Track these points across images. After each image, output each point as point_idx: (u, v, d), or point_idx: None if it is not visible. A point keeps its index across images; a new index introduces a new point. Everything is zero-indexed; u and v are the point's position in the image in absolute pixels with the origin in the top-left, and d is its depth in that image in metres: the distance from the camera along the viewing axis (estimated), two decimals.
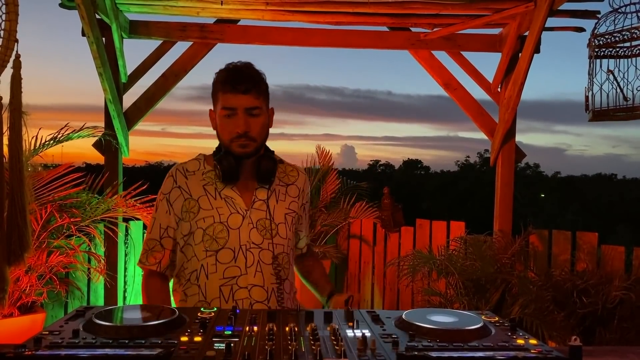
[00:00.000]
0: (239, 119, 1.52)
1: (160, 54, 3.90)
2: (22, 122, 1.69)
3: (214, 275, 1.55)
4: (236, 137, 1.53)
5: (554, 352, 1.02)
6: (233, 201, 1.58)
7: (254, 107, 1.53)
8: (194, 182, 1.61)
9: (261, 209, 1.59)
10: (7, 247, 1.69)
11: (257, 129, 1.55)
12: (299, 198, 1.69)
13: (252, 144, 1.55)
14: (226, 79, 1.54)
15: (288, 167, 1.73)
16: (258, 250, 1.56)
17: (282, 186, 1.67)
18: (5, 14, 1.64)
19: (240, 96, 1.51)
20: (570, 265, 3.58)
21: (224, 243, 1.55)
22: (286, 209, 1.64)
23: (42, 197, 3.12)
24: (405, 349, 1.02)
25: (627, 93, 2.47)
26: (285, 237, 1.62)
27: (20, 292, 3.00)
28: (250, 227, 1.57)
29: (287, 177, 1.70)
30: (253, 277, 1.55)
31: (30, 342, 1.02)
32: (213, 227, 1.55)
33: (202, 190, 1.60)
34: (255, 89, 1.53)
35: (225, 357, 0.98)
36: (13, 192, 1.67)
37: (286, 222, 1.63)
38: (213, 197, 1.59)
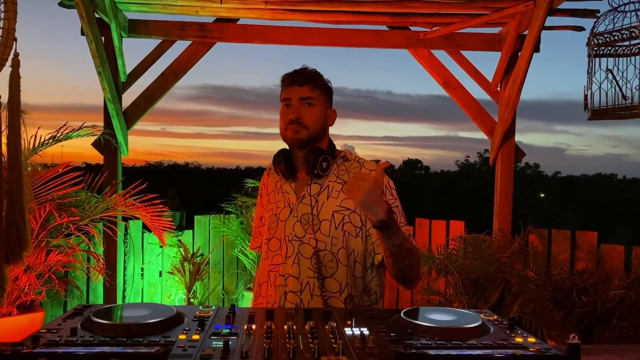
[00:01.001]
0: (293, 107, 1.64)
1: (159, 53, 3.90)
2: (21, 121, 1.69)
3: (266, 261, 1.70)
4: (289, 123, 1.63)
5: (552, 350, 1.02)
6: (287, 195, 1.69)
7: (307, 97, 1.64)
8: (272, 179, 1.80)
9: (308, 204, 1.64)
10: (5, 246, 1.68)
11: (310, 118, 1.64)
12: None
13: (304, 130, 1.63)
14: (286, 76, 1.69)
15: (354, 164, 1.69)
16: (299, 243, 1.62)
17: (339, 183, 1.65)
18: (3, 13, 1.64)
19: (296, 88, 1.65)
20: (570, 264, 3.58)
21: (274, 233, 1.68)
22: (336, 206, 1.62)
23: (41, 196, 3.12)
24: (404, 347, 1.02)
25: (626, 92, 2.47)
26: (329, 235, 1.59)
27: (19, 291, 3.00)
28: (294, 220, 1.64)
29: (346, 174, 1.66)
30: (290, 267, 1.61)
31: (28, 340, 1.02)
32: (271, 218, 1.71)
33: (274, 186, 1.77)
34: (312, 83, 1.66)
35: (223, 355, 0.98)
36: (12, 191, 1.67)
37: (333, 219, 1.61)
38: (277, 192, 1.74)
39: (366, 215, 1.57)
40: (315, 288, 1.58)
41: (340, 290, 1.59)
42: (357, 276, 1.63)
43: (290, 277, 1.60)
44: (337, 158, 1.69)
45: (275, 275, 1.65)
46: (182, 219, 4.51)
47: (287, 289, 1.60)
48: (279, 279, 1.63)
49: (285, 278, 1.61)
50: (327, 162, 1.62)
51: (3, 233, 1.68)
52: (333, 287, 1.58)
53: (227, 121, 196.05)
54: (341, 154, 1.71)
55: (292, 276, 1.60)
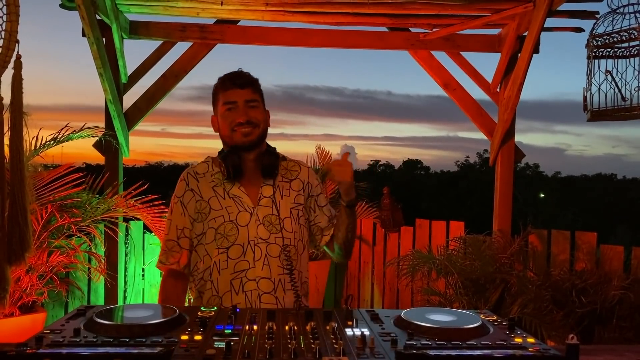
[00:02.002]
0: (239, 110, 1.65)
1: (160, 54, 3.91)
2: (23, 122, 1.70)
3: (226, 270, 1.65)
4: (238, 125, 1.65)
5: (551, 350, 1.03)
6: (241, 200, 1.67)
7: (252, 100, 1.68)
8: (204, 184, 1.71)
9: (267, 206, 1.67)
10: (8, 247, 1.70)
11: (257, 117, 1.68)
12: (303, 190, 1.76)
13: (255, 130, 1.67)
14: (225, 79, 1.69)
15: (290, 162, 1.80)
16: (265, 244, 1.65)
17: (286, 182, 1.74)
18: (6, 15, 1.65)
19: (239, 90, 1.66)
20: (569, 264, 3.59)
21: (234, 240, 1.65)
22: (291, 203, 1.72)
23: (42, 197, 3.13)
24: (404, 347, 1.03)
25: (625, 93, 2.48)
26: (291, 231, 1.69)
27: (21, 292, 3.01)
28: (257, 224, 1.65)
29: (289, 173, 1.77)
30: (261, 269, 1.63)
31: (32, 340, 1.03)
32: (224, 225, 1.65)
33: (211, 192, 1.69)
34: (252, 85, 1.69)
35: (226, 355, 0.99)
36: (14, 192, 1.68)
37: (292, 216, 1.70)
38: (222, 197, 1.68)
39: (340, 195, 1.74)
40: (286, 283, 1.66)
41: (301, 279, 1.71)
42: (306, 262, 1.78)
43: (262, 279, 1.63)
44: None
45: (242, 282, 1.63)
46: None
47: (260, 291, 1.63)
48: (249, 284, 1.63)
49: (256, 282, 1.63)
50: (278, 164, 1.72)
51: (6, 234, 1.69)
52: (297, 277, 1.67)
53: None
54: (279, 155, 1.77)
55: (264, 278, 1.63)
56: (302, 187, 1.76)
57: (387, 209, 4.43)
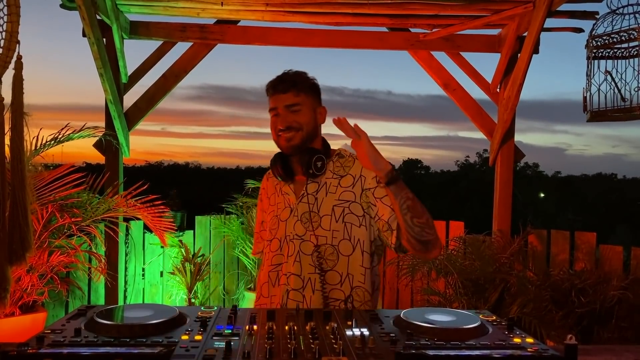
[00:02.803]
0: (281, 117, 1.65)
1: (160, 54, 3.91)
2: (24, 122, 1.70)
3: (267, 261, 1.72)
4: (280, 132, 1.65)
5: (550, 350, 1.04)
6: (288, 197, 1.72)
7: (293, 104, 1.64)
8: (271, 182, 1.82)
9: (307, 202, 1.67)
10: (9, 246, 1.70)
11: (298, 122, 1.65)
12: (353, 186, 1.66)
13: (297, 134, 1.65)
14: (270, 83, 1.69)
15: (347, 159, 1.73)
16: (299, 241, 1.64)
17: (336, 178, 1.69)
18: (7, 15, 1.65)
19: (279, 96, 1.65)
20: (569, 264, 3.60)
21: (274, 234, 1.71)
22: (335, 201, 1.65)
23: (43, 197, 3.13)
24: (403, 347, 1.04)
25: (625, 94, 2.48)
26: (329, 229, 1.64)
27: (22, 292, 3.01)
28: (295, 220, 1.67)
29: (342, 169, 1.70)
30: (292, 265, 1.63)
31: (33, 340, 1.03)
32: (272, 220, 1.74)
33: (274, 189, 1.79)
34: (294, 88, 1.64)
35: (225, 355, 0.99)
36: (15, 192, 1.68)
37: (333, 213, 1.65)
38: (277, 194, 1.76)
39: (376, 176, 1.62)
40: (316, 283, 1.62)
41: (340, 281, 1.63)
42: (366, 267, 1.64)
43: (292, 275, 1.63)
44: (332, 156, 1.73)
45: (277, 275, 1.68)
46: (183, 220, 4.52)
47: (289, 287, 1.63)
48: (282, 278, 1.66)
49: (287, 277, 1.64)
50: (322, 160, 1.66)
51: (6, 234, 1.69)
52: (333, 280, 1.62)
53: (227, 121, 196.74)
54: (336, 152, 1.75)
55: (294, 274, 1.63)
56: (352, 182, 1.67)
57: None
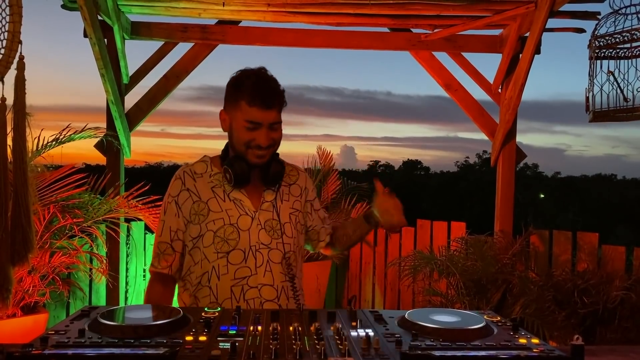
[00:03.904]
0: (261, 133, 1.56)
1: (161, 55, 3.91)
2: (26, 123, 1.70)
3: (226, 276, 1.57)
4: (257, 148, 1.57)
5: (556, 351, 1.03)
6: (242, 203, 1.62)
7: (275, 122, 1.58)
8: (202, 184, 1.63)
9: (268, 210, 1.64)
10: (11, 247, 1.70)
11: (277, 141, 1.63)
12: (301, 196, 1.75)
13: (269, 152, 1.61)
14: (254, 92, 1.54)
15: (288, 167, 1.77)
16: (267, 250, 1.60)
17: (285, 186, 1.73)
18: (9, 16, 1.65)
19: (266, 112, 1.55)
20: (571, 265, 3.59)
21: (234, 244, 1.58)
22: (290, 209, 1.70)
23: (45, 197, 3.13)
24: (409, 348, 1.03)
25: (628, 94, 2.48)
26: (292, 236, 1.66)
27: (23, 293, 3.01)
28: (259, 228, 1.61)
29: (288, 177, 1.75)
30: (263, 276, 1.58)
31: (37, 341, 1.03)
32: (224, 229, 1.58)
33: (210, 193, 1.62)
34: (279, 105, 1.59)
35: (231, 356, 0.99)
36: (17, 193, 1.68)
37: (291, 221, 1.68)
38: (222, 199, 1.61)
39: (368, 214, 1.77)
40: (289, 290, 1.61)
41: (300, 286, 1.69)
42: (301, 268, 1.75)
43: (264, 286, 1.58)
44: None
45: (242, 290, 1.56)
46: None
47: (262, 299, 1.57)
48: (251, 292, 1.57)
49: (258, 289, 1.57)
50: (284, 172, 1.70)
51: (9, 235, 1.69)
52: (299, 285, 1.65)
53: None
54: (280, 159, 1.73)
55: (267, 285, 1.58)
56: (300, 192, 1.75)
57: None
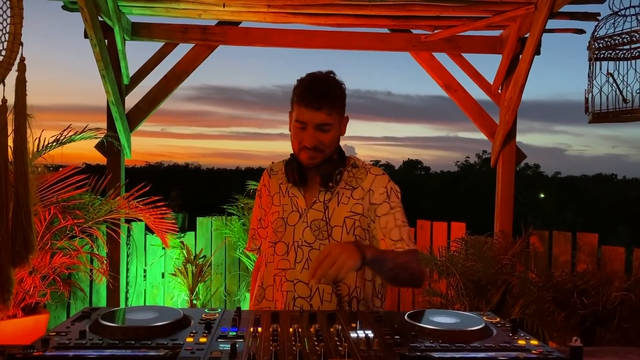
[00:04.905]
0: (308, 133, 1.56)
1: (162, 55, 3.91)
2: (27, 124, 1.71)
3: (271, 264, 1.66)
4: (304, 149, 1.58)
5: (555, 352, 1.04)
6: (296, 200, 1.67)
7: (324, 124, 1.56)
8: (274, 180, 1.76)
9: (319, 210, 1.63)
10: (12, 248, 1.70)
11: (326, 144, 1.59)
12: (363, 199, 1.64)
13: (320, 155, 1.59)
14: (303, 92, 1.57)
15: (360, 169, 1.69)
16: (309, 248, 1.61)
17: (348, 189, 1.65)
18: (10, 17, 1.65)
19: (313, 112, 1.55)
20: (571, 266, 3.59)
21: (280, 237, 1.66)
22: (347, 212, 1.62)
23: (46, 198, 3.14)
24: (408, 349, 1.04)
25: (627, 95, 2.48)
26: (340, 241, 1.60)
27: (24, 293, 3.01)
28: (304, 226, 1.63)
29: (355, 180, 1.67)
30: (300, 272, 1.60)
31: (38, 342, 1.03)
32: (277, 221, 1.68)
33: (277, 188, 1.73)
34: (329, 105, 1.55)
35: (231, 357, 0.99)
36: (18, 194, 1.69)
37: (345, 225, 1.61)
38: (283, 195, 1.70)
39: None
40: (326, 294, 1.58)
41: (349, 293, 1.60)
42: (367, 279, 1.63)
43: (299, 282, 1.59)
44: (347, 166, 1.68)
45: (282, 280, 1.62)
46: (185, 221, 4.53)
47: (295, 294, 1.59)
48: (287, 284, 1.60)
49: (293, 284, 1.59)
50: (341, 173, 1.63)
51: (9, 236, 1.70)
52: (342, 292, 1.59)
53: (227, 121, 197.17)
54: (350, 162, 1.70)
55: (302, 282, 1.59)
56: (362, 195, 1.64)
57: None
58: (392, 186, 1.67)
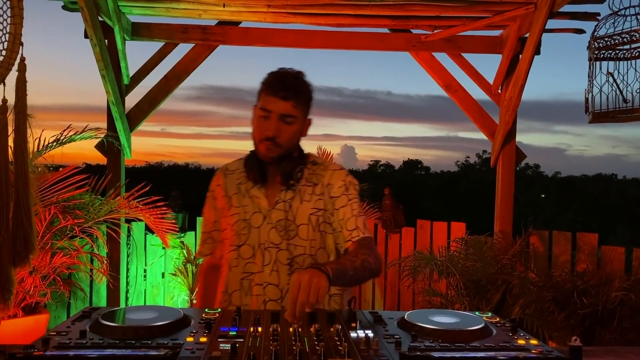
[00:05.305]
0: (271, 123, 1.55)
1: (162, 55, 3.92)
2: (27, 124, 1.71)
3: (236, 268, 1.62)
4: (265, 139, 1.56)
5: (554, 352, 1.04)
6: (258, 201, 1.63)
7: (288, 115, 1.55)
8: (231, 180, 1.71)
9: (282, 210, 1.61)
10: (12, 248, 1.71)
11: (286, 137, 1.57)
12: (323, 195, 1.64)
13: (277, 149, 1.57)
14: (272, 82, 1.57)
15: (320, 166, 1.69)
16: (276, 250, 1.59)
17: (310, 186, 1.65)
18: (10, 17, 1.66)
19: (278, 101, 1.54)
20: (571, 265, 3.59)
21: (245, 239, 1.62)
22: (311, 209, 1.62)
23: (46, 198, 3.14)
24: (408, 349, 1.04)
25: (627, 95, 2.48)
26: (307, 239, 1.60)
27: (25, 293, 3.02)
28: (269, 227, 1.60)
29: (315, 177, 1.66)
30: (269, 275, 1.58)
31: (39, 342, 1.04)
32: (238, 223, 1.63)
33: (235, 189, 1.68)
34: (295, 98, 1.55)
35: (231, 357, 0.99)
36: (18, 194, 1.69)
37: (310, 222, 1.61)
38: (243, 195, 1.66)
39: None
40: None
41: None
42: None
43: (269, 285, 1.58)
44: (308, 163, 1.67)
45: (251, 284, 1.60)
46: (185, 221, 4.52)
47: (266, 297, 1.57)
48: (256, 288, 1.59)
49: (263, 287, 1.58)
50: (302, 171, 1.63)
51: (10, 236, 1.70)
52: None
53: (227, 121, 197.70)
54: (310, 159, 1.69)
55: (271, 284, 1.58)
56: (322, 190, 1.64)
57: (389, 210, 4.45)
58: (351, 179, 1.67)
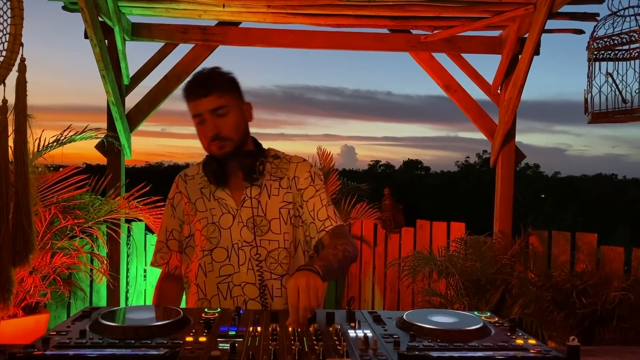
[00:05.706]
0: (208, 124, 1.54)
1: (162, 56, 3.92)
2: (28, 124, 1.71)
3: (211, 273, 1.61)
4: (211, 140, 1.55)
5: (552, 352, 1.04)
6: (225, 202, 1.62)
7: (218, 107, 1.53)
8: (192, 186, 1.68)
9: (251, 207, 1.60)
10: (12, 248, 1.71)
11: (229, 127, 1.55)
12: (290, 188, 1.64)
13: (228, 143, 1.56)
14: (189, 87, 1.56)
15: (283, 160, 1.69)
16: (249, 247, 1.58)
17: (275, 180, 1.64)
18: (10, 18, 1.66)
19: (202, 100, 1.53)
20: (570, 265, 3.60)
21: (216, 242, 1.60)
22: (280, 202, 1.62)
23: (46, 198, 3.15)
24: (407, 349, 1.05)
25: (626, 95, 2.49)
26: (280, 232, 1.60)
27: (25, 293, 3.02)
28: (240, 226, 1.59)
29: (279, 171, 1.66)
30: (246, 274, 1.58)
31: (39, 342, 1.04)
32: (207, 228, 1.61)
33: (199, 194, 1.66)
34: (216, 89, 1.53)
35: (230, 357, 1.00)
36: (18, 194, 1.69)
37: (281, 216, 1.61)
38: (207, 199, 1.64)
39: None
40: (275, 289, 1.58)
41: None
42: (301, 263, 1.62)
43: (247, 284, 1.57)
44: (268, 157, 1.67)
45: (229, 287, 1.59)
46: None
47: (246, 297, 1.57)
48: (236, 289, 1.58)
49: (242, 287, 1.57)
50: (263, 164, 1.61)
51: (10, 236, 1.70)
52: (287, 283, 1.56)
53: None
54: (271, 153, 1.69)
55: (249, 283, 1.57)
56: (289, 183, 1.64)
57: (388, 210, 4.46)
58: (315, 170, 1.68)
